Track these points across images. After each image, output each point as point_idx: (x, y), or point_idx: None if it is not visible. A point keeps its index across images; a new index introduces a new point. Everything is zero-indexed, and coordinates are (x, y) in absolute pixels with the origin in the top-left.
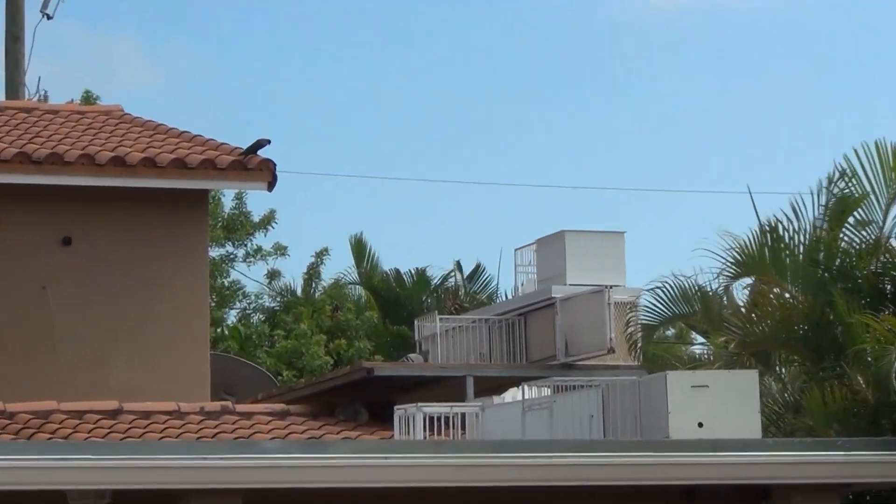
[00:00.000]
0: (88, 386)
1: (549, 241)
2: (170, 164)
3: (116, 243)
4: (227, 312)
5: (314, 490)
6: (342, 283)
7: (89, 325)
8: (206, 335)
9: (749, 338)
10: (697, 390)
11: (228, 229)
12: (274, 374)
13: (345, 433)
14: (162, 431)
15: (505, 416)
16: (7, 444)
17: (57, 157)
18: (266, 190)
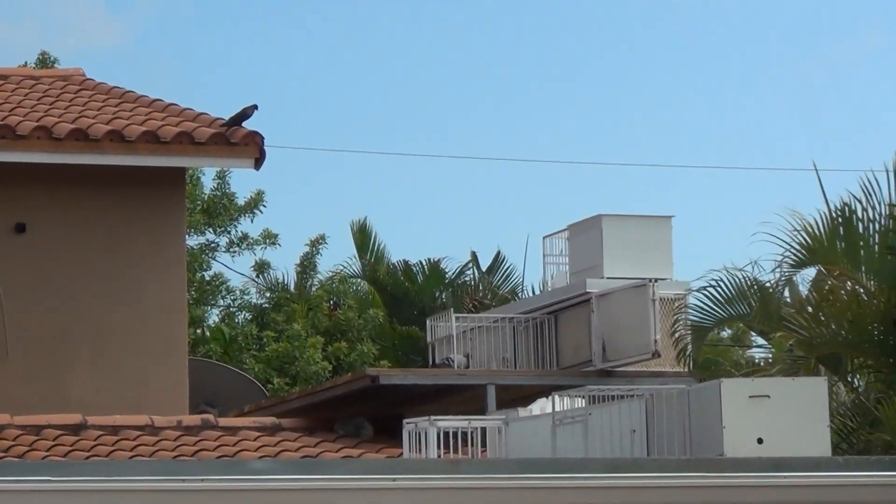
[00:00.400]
0: (47, 397)
1: (584, 226)
2: (140, 138)
3: (78, 230)
4: (209, 310)
5: None
6: (342, 276)
7: (47, 325)
8: (183, 337)
9: (816, 339)
10: (757, 401)
11: (209, 214)
12: (263, 382)
13: (346, 451)
14: (132, 449)
15: (532, 430)
16: None
17: (8, 130)
18: (253, 168)
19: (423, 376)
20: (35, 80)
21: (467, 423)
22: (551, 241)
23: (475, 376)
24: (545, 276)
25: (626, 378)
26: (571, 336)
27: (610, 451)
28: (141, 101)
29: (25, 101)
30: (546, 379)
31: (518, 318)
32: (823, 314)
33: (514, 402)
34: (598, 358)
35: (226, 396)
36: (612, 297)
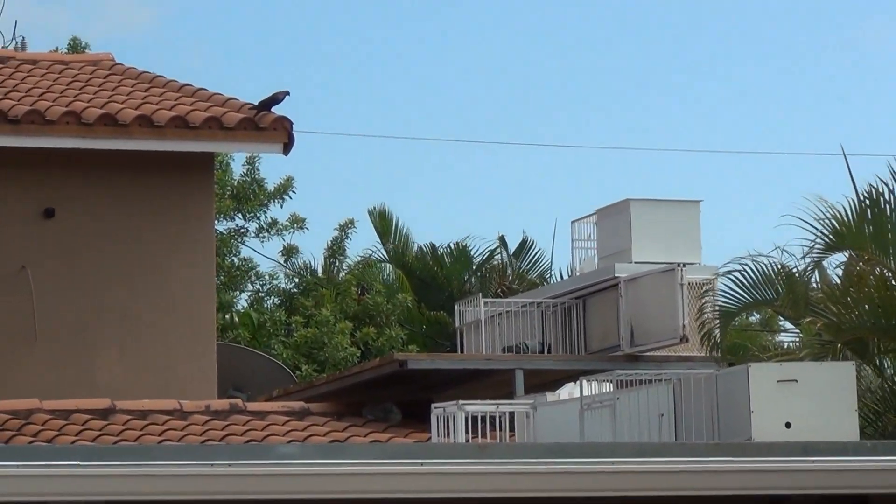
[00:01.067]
0: (76, 381)
1: (612, 211)
2: (169, 123)
3: (106, 215)
4: (237, 296)
5: (338, 501)
6: (371, 260)
7: (76, 310)
8: (211, 321)
9: (844, 324)
10: (785, 385)
11: (238, 199)
12: (291, 367)
13: (374, 435)
14: (161, 434)
15: (560, 415)
16: None
17: (37, 115)
18: (281, 153)
19: (451, 361)
20: (64, 65)
21: (495, 407)
22: (580, 226)
23: (503, 361)
24: (573, 261)
25: (654, 362)
26: (599, 320)
27: (638, 435)
28: (170, 86)
29: (55, 86)
30: (574, 363)
31: (546, 302)
32: (851, 299)
33: (542, 386)
34: (626, 342)
35: (254, 382)
36: (641, 281)
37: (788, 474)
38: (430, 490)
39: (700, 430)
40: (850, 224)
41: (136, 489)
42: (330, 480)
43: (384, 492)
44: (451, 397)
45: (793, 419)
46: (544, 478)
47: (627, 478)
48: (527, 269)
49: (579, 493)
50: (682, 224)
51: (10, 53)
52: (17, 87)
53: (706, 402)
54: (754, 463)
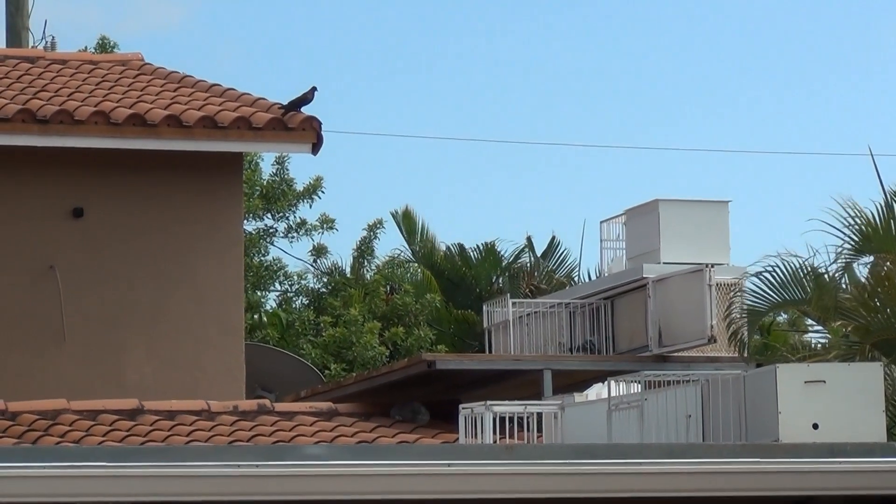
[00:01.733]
0: (103, 382)
1: (641, 211)
2: (197, 123)
3: (135, 215)
4: (266, 296)
5: (365, 502)
6: (399, 260)
7: (104, 310)
8: (240, 321)
9: (872, 325)
10: (812, 386)
11: (268, 199)
12: (320, 367)
13: (401, 436)
14: (189, 434)
15: (588, 416)
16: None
17: (66, 115)
18: (310, 153)
19: (479, 361)
20: (93, 64)
21: (523, 408)
22: (608, 226)
23: (531, 361)
24: (602, 261)
25: (682, 363)
26: (627, 321)
27: (665, 436)
28: (199, 86)
29: (84, 86)
30: (602, 364)
31: (574, 303)
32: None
33: (570, 387)
34: (654, 343)
35: (282, 382)
36: (669, 282)
37: (816, 475)
38: (457, 491)
39: (727, 431)
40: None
41: (163, 490)
42: (357, 481)
43: (411, 493)
44: (478, 398)
45: (820, 420)
46: (572, 479)
47: (655, 479)
48: (555, 270)
49: (607, 494)
50: (710, 224)
51: (39, 53)
52: (47, 87)
53: (734, 403)
54: (781, 464)
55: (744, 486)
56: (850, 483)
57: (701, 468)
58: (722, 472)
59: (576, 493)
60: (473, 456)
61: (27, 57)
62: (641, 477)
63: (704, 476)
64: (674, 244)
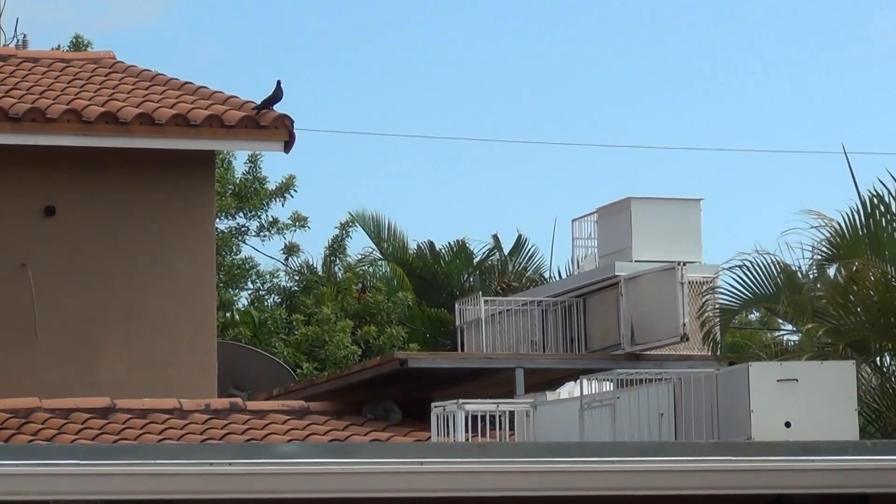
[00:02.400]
0: (75, 380)
1: (613, 209)
2: (170, 121)
3: (107, 213)
4: (238, 294)
5: (338, 500)
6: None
7: (76, 308)
8: (212, 320)
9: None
10: (785, 385)
11: (240, 197)
12: (292, 366)
13: (374, 434)
14: (161, 433)
15: (560, 414)
16: None
17: (38, 113)
18: (282, 151)
19: (451, 360)
20: (65, 62)
21: (495, 406)
22: (580, 224)
23: (503, 360)
24: (574, 259)
25: (655, 361)
26: (600, 319)
27: (638, 434)
28: (171, 84)
29: (56, 84)
30: (574, 362)
31: (547, 301)
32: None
33: (542, 385)
34: (626, 341)
35: (255, 380)
36: (641, 280)
37: (789, 474)
38: (430, 489)
39: (700, 430)
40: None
41: (135, 488)
42: (330, 479)
43: (384, 491)
44: (451, 396)
45: (793, 418)
46: (544, 477)
47: (628, 477)
48: (525, 268)
49: (579, 492)
50: (682, 222)
51: (11, 51)
52: (18, 85)
53: (706, 402)
54: (754, 462)
55: (717, 484)
56: (823, 481)
57: (674, 466)
58: (695, 471)
59: (549, 491)
60: (446, 454)
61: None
62: (614, 475)
63: (677, 474)
64: (646, 242)
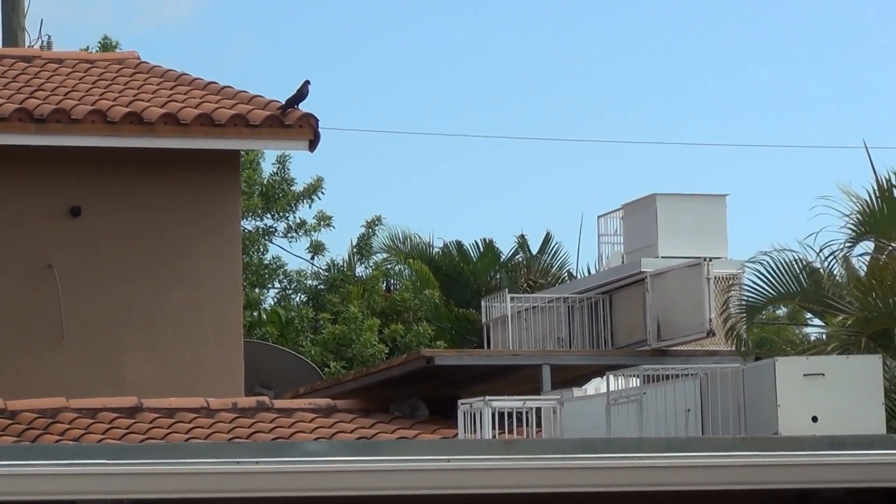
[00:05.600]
0: (102, 380)
1: (639, 206)
2: (194, 121)
3: (132, 214)
4: (266, 293)
5: (365, 498)
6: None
7: (102, 309)
8: (238, 319)
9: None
10: (811, 379)
11: (267, 198)
12: (319, 364)
13: (401, 432)
14: (188, 432)
15: (587, 410)
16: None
17: (63, 114)
18: (307, 150)
19: (477, 357)
20: (90, 63)
21: (522, 403)
22: (606, 221)
23: (530, 356)
24: (600, 256)
25: (681, 357)
26: (626, 315)
27: (664, 430)
28: (195, 83)
29: (80, 84)
30: (601, 359)
31: (573, 298)
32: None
33: (568, 382)
34: (652, 337)
35: (282, 379)
36: (667, 276)
37: (815, 468)
38: (456, 486)
39: (727, 425)
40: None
41: (162, 487)
42: (357, 477)
43: (411, 488)
44: (477, 393)
45: (819, 413)
46: (571, 473)
47: (654, 473)
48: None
49: (606, 488)
50: (708, 218)
51: (35, 52)
52: (43, 86)
53: (733, 397)
54: (781, 457)
55: (743, 479)
56: (850, 476)
57: (700, 462)
58: (721, 466)
59: (575, 487)
60: (472, 451)
61: (24, 56)
62: (640, 471)
63: (704, 470)
64: (672, 238)
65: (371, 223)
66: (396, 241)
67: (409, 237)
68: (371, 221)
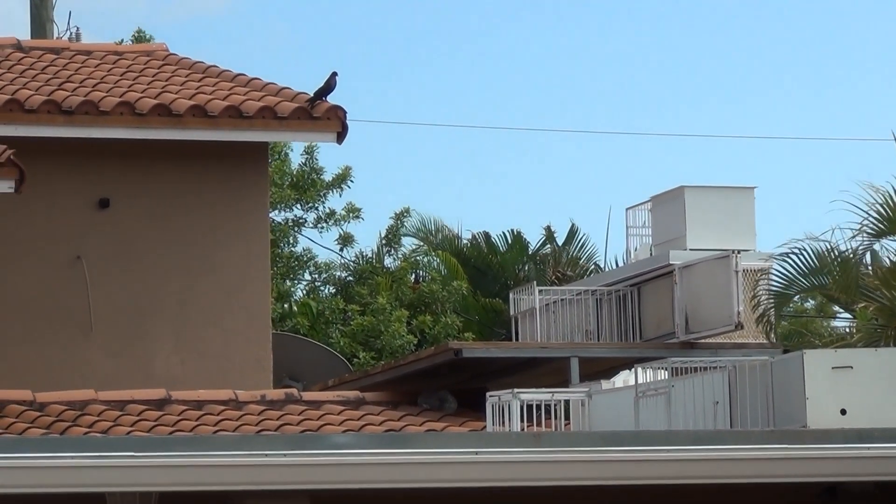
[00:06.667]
0: (130, 372)
1: (667, 198)
2: (222, 113)
3: (161, 205)
4: (295, 285)
5: (393, 490)
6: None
7: (131, 300)
8: (266, 311)
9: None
10: (839, 372)
11: (298, 189)
12: (348, 356)
13: (429, 424)
14: (216, 424)
15: (615, 403)
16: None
17: (91, 106)
18: (335, 142)
19: (505, 349)
20: (118, 55)
21: (550, 395)
22: (634, 213)
23: (558, 349)
24: (628, 248)
25: (709, 350)
26: (654, 308)
27: (693, 423)
28: (223, 75)
29: (108, 76)
30: (629, 351)
31: (601, 290)
32: None
33: (597, 374)
34: (680, 330)
35: (310, 371)
36: (695, 268)
37: (844, 461)
38: (484, 479)
39: (755, 418)
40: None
41: (190, 480)
42: (385, 470)
43: (439, 481)
44: (506, 385)
45: (848, 406)
46: (599, 466)
47: (682, 466)
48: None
49: (634, 481)
50: (736, 211)
51: (64, 44)
52: (72, 78)
53: (761, 390)
54: (809, 450)
55: (772, 472)
56: (879, 469)
57: (728, 455)
58: (750, 459)
59: (603, 480)
60: (501, 444)
61: (52, 48)
62: (669, 464)
63: (732, 463)
64: (700, 230)
65: (399, 215)
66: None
67: (441, 228)
68: (399, 213)
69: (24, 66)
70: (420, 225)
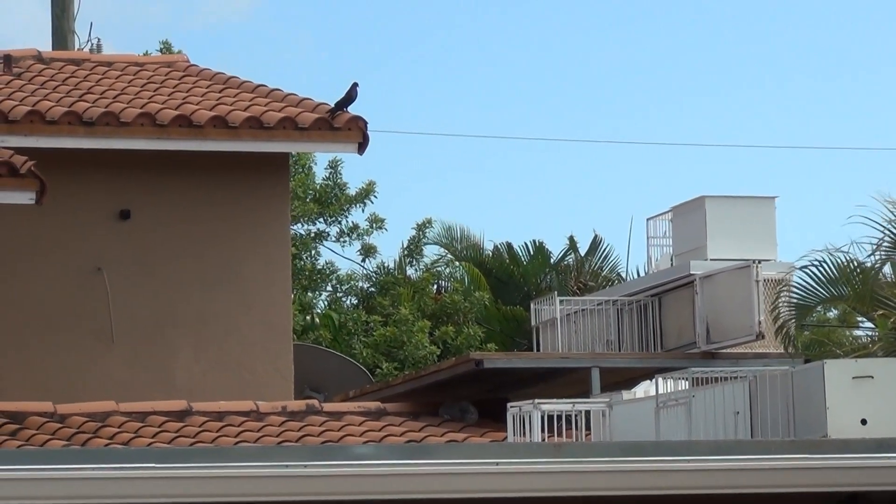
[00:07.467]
0: (152, 381)
1: (688, 208)
2: (243, 124)
3: (182, 216)
4: (318, 297)
5: (414, 501)
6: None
7: (152, 312)
8: (287, 321)
9: None
10: (860, 382)
11: (321, 203)
12: (371, 366)
13: (450, 435)
14: (237, 435)
15: (636, 413)
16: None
17: (112, 117)
18: (356, 152)
19: (527, 360)
20: (139, 66)
21: (571, 406)
22: (655, 223)
23: (579, 359)
24: (649, 258)
25: (730, 360)
26: (675, 318)
27: (714, 433)
28: (244, 86)
29: (129, 87)
30: (650, 361)
31: (622, 300)
32: None
33: (618, 384)
34: (701, 340)
35: (332, 382)
36: (716, 278)
37: (865, 471)
38: (505, 489)
39: (776, 428)
40: None
41: (211, 491)
42: (406, 481)
43: (460, 491)
44: (527, 396)
45: (869, 415)
46: (620, 476)
47: (703, 476)
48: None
49: (655, 491)
50: (757, 221)
51: (85, 55)
52: (92, 90)
53: (782, 400)
54: (830, 460)
55: (793, 482)
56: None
57: (750, 465)
58: (771, 469)
59: (624, 490)
60: (522, 454)
61: (73, 59)
62: (689, 474)
63: (753, 473)
64: (721, 241)
65: (422, 226)
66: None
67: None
68: (422, 224)
69: (44, 78)
70: (444, 233)
